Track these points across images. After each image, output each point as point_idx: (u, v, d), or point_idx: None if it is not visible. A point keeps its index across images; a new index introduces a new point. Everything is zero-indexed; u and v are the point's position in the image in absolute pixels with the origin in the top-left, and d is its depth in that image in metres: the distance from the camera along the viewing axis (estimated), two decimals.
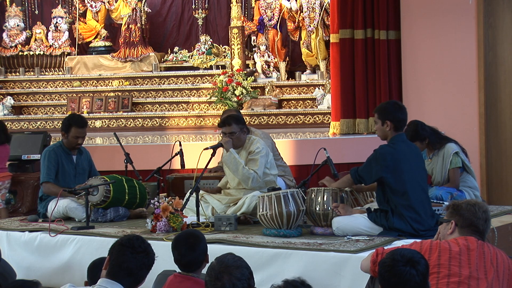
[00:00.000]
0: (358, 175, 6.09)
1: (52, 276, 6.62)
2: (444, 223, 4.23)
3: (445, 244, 4.04)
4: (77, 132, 7.48)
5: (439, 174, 7.43)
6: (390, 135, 6.05)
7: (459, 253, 4.00)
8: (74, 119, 7.64)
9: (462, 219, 4.12)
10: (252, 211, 6.76)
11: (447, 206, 4.28)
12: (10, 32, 14.68)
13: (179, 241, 4.52)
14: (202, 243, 4.53)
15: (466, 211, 4.12)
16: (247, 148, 7.09)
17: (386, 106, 6.17)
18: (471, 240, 4.06)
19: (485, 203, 4.26)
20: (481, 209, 4.14)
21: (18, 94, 14.19)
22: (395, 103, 6.26)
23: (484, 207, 4.17)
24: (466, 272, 3.94)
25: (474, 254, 4.00)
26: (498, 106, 9.55)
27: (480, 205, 4.17)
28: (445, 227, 4.21)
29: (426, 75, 9.85)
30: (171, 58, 14.35)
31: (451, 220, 4.17)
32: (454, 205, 4.21)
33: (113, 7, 14.84)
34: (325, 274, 5.53)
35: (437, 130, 7.51)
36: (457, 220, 4.14)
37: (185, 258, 4.45)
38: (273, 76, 13.43)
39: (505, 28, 9.52)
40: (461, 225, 4.12)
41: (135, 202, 7.41)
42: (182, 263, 4.47)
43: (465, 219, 4.12)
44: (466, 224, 4.11)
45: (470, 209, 4.13)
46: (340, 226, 6.09)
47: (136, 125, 13.36)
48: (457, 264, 3.96)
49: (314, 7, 13.24)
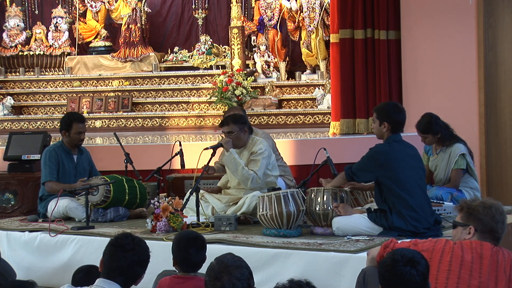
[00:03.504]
0: (351, 171, 6.12)
1: (52, 276, 6.62)
2: (459, 226, 4.06)
3: (458, 249, 3.92)
4: (78, 127, 7.50)
5: (442, 172, 7.43)
6: (386, 135, 6.09)
7: (471, 261, 3.90)
8: (74, 115, 7.69)
9: (482, 225, 3.97)
10: (252, 211, 6.76)
11: (459, 206, 4.09)
12: (10, 32, 14.67)
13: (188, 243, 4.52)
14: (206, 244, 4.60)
15: (485, 216, 3.97)
16: (249, 148, 7.09)
17: (386, 107, 6.19)
18: (486, 247, 3.93)
19: (500, 204, 4.07)
20: (498, 211, 3.99)
21: (18, 94, 14.18)
22: (394, 105, 6.29)
23: (500, 209, 4.02)
24: (476, 282, 3.87)
25: (487, 262, 3.90)
26: (498, 106, 9.55)
27: (497, 207, 4.01)
28: (461, 231, 4.05)
29: (426, 75, 9.85)
30: (171, 58, 14.35)
31: (469, 224, 4.01)
32: (469, 208, 4.03)
33: (113, 7, 14.83)
34: (325, 274, 5.53)
35: (449, 127, 7.52)
36: (476, 226, 3.98)
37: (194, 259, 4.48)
38: (273, 76, 13.43)
39: (505, 28, 9.52)
40: (481, 230, 3.97)
41: (135, 202, 7.42)
42: (189, 264, 4.49)
43: (484, 224, 3.97)
44: (487, 229, 3.96)
45: (488, 213, 3.97)
46: (340, 226, 6.10)
47: (136, 125, 13.35)
48: (468, 272, 3.88)
49: (314, 7, 13.23)
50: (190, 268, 4.49)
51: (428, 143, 7.54)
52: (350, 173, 6.12)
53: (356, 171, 6.09)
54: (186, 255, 4.48)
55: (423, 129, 7.42)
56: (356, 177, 6.13)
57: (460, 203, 4.14)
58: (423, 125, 7.41)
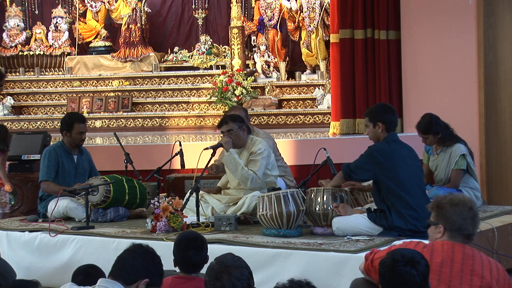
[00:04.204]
0: (348, 169, 6.12)
1: (52, 276, 6.62)
2: (432, 225, 3.97)
3: (427, 253, 3.77)
4: (80, 127, 7.51)
5: (442, 172, 7.43)
6: (382, 136, 6.11)
7: (441, 265, 3.77)
8: (75, 115, 7.73)
9: (449, 223, 3.85)
10: (252, 211, 6.76)
11: (431, 205, 3.98)
12: (10, 32, 14.67)
13: (187, 244, 4.53)
14: (206, 245, 4.60)
15: (452, 213, 3.85)
16: (249, 148, 7.09)
17: (376, 109, 6.28)
18: (458, 250, 3.80)
19: (470, 199, 3.97)
20: (466, 208, 3.86)
21: (18, 94, 14.18)
22: (384, 105, 6.38)
23: (469, 205, 3.89)
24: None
25: (458, 266, 3.77)
26: (498, 106, 9.54)
27: (465, 203, 3.89)
28: (433, 230, 3.95)
29: (426, 75, 9.85)
30: (171, 58, 14.34)
31: (439, 223, 3.90)
32: (438, 206, 3.92)
33: (113, 7, 14.83)
34: (325, 274, 5.53)
35: (449, 127, 7.52)
36: (445, 224, 3.87)
37: (193, 260, 4.49)
38: (273, 76, 13.43)
39: (505, 28, 9.51)
40: (450, 229, 3.86)
41: (135, 202, 7.41)
42: (189, 265, 4.49)
43: (452, 222, 3.85)
44: (455, 228, 3.84)
45: (455, 210, 3.85)
46: (340, 226, 6.10)
47: (136, 125, 13.35)
48: (436, 277, 3.74)
49: (314, 7, 13.23)
50: (190, 268, 4.49)
51: (429, 143, 7.53)
52: (348, 171, 6.12)
53: (354, 169, 6.09)
54: (186, 256, 4.49)
55: (423, 129, 7.42)
56: (354, 175, 6.13)
57: (432, 201, 4.04)
58: (424, 126, 7.41)
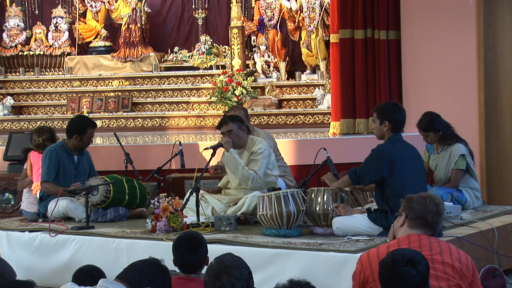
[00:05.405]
0: (356, 175, 6.09)
1: (52, 276, 6.62)
2: (397, 216, 4.19)
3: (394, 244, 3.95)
4: (91, 132, 7.53)
5: (442, 171, 7.43)
6: (387, 135, 6.08)
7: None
8: (89, 120, 7.64)
9: (412, 212, 4.06)
10: (252, 211, 6.76)
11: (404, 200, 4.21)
12: (10, 32, 14.66)
13: (181, 243, 4.53)
14: (203, 245, 4.56)
15: (417, 204, 4.07)
16: (249, 148, 7.09)
17: (386, 107, 6.19)
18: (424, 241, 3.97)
19: (440, 199, 4.17)
20: (432, 202, 4.07)
21: (18, 94, 14.17)
22: (394, 104, 6.29)
23: (436, 200, 4.11)
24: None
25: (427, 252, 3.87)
26: (498, 106, 9.54)
27: (432, 198, 4.11)
28: (397, 220, 4.17)
29: (426, 75, 9.85)
30: (171, 58, 14.34)
31: (403, 213, 4.13)
32: (407, 198, 4.16)
33: (113, 7, 14.82)
34: (325, 274, 5.53)
35: (450, 125, 7.52)
36: (408, 213, 4.08)
37: (187, 260, 4.47)
38: (273, 76, 13.42)
39: (505, 28, 9.51)
40: (411, 217, 4.06)
41: (135, 202, 7.41)
42: (183, 265, 4.48)
43: (414, 211, 4.05)
44: (416, 216, 4.05)
45: (421, 201, 4.07)
46: (340, 226, 6.09)
47: (136, 125, 13.35)
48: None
49: (314, 7, 13.22)
50: (185, 268, 4.47)
51: (429, 141, 7.53)
52: (356, 178, 6.09)
53: (361, 174, 6.06)
54: (180, 256, 4.48)
55: (424, 127, 7.42)
56: (362, 181, 6.10)
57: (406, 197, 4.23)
58: (425, 123, 7.41)
